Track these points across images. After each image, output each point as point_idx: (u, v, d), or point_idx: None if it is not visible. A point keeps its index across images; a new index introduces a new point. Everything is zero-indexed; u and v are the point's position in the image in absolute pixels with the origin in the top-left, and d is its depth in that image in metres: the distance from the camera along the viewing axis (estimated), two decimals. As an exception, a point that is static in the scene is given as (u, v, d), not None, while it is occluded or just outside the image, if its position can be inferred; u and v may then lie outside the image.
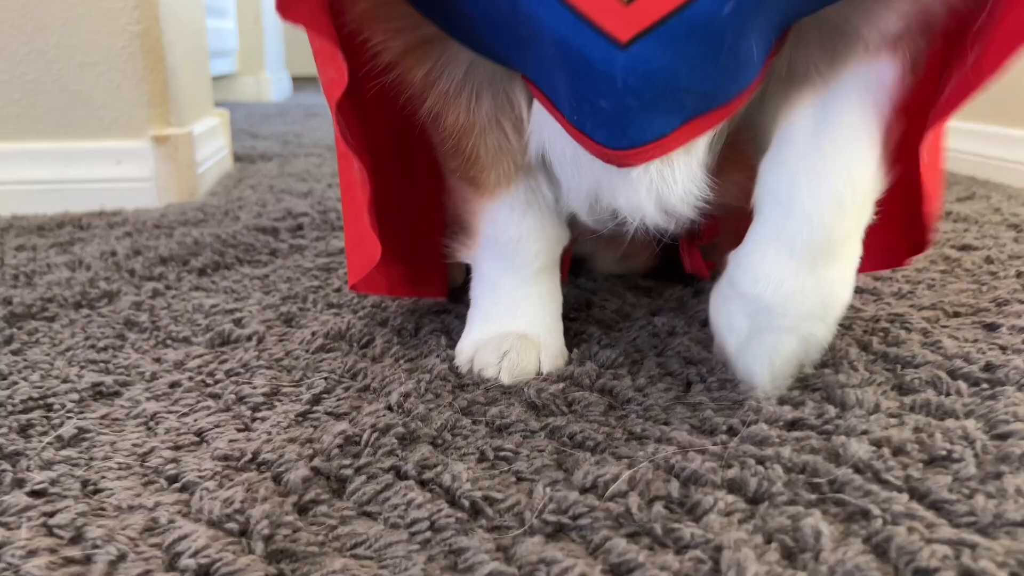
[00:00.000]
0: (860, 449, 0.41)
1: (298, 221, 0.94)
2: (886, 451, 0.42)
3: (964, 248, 0.83)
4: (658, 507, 0.38)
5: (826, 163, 0.43)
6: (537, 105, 0.47)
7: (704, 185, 0.45)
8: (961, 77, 0.40)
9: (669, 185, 0.44)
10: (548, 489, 0.39)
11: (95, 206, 1.01)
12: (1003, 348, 0.56)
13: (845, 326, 0.60)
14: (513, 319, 0.55)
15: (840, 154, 0.43)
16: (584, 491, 0.40)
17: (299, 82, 3.57)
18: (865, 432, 0.44)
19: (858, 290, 0.70)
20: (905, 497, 0.38)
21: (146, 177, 1.03)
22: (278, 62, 3.06)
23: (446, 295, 0.67)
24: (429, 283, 0.65)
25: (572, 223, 0.56)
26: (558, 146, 0.48)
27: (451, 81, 0.47)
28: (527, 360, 0.53)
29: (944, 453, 0.42)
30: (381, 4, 0.45)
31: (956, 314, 0.64)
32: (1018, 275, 0.73)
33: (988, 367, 0.53)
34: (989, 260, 0.78)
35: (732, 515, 0.37)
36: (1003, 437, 0.44)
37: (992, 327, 0.61)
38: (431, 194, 0.61)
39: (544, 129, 0.48)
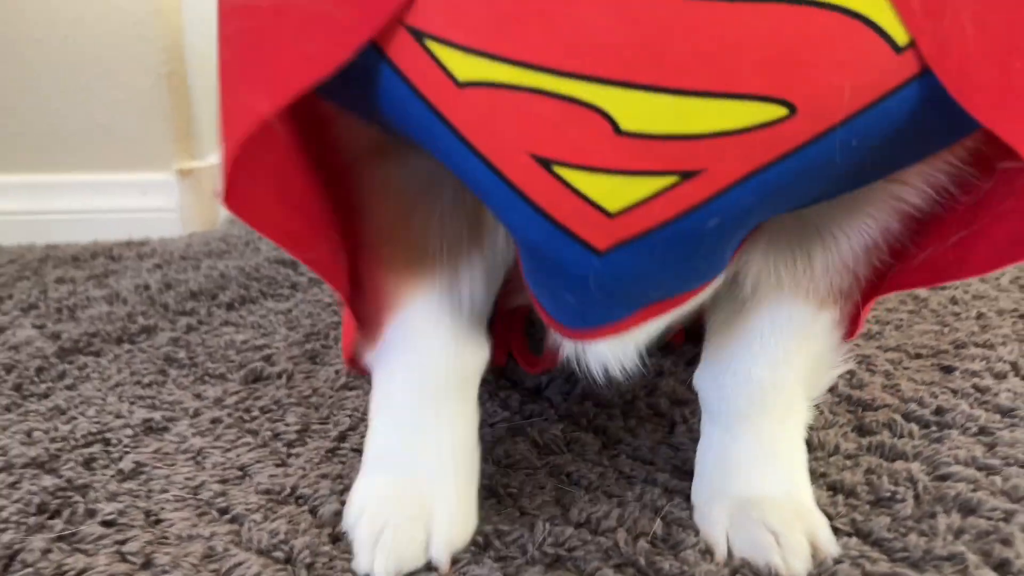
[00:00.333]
0: (820, 496, 0.48)
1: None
2: (840, 497, 0.48)
3: (933, 288, 0.90)
4: (642, 542, 0.44)
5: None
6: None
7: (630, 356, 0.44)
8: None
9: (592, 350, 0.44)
10: (547, 524, 0.46)
11: (123, 235, 1.08)
12: (954, 392, 0.63)
13: (815, 369, 0.67)
14: (410, 457, 0.46)
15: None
16: (579, 526, 0.46)
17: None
18: (823, 475, 0.51)
19: (831, 330, 0.77)
20: (855, 540, 0.45)
21: (171, 207, 1.09)
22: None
23: None
24: None
25: None
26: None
27: (400, 177, 0.43)
28: (414, 541, 0.43)
29: (889, 494, 0.48)
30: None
31: (918, 356, 0.71)
32: (978, 316, 0.80)
33: (939, 411, 0.59)
34: (954, 301, 0.85)
35: (707, 553, 0.44)
36: (943, 479, 0.50)
37: (948, 370, 0.67)
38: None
39: None
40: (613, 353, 0.43)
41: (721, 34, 0.29)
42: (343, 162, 0.43)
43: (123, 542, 0.45)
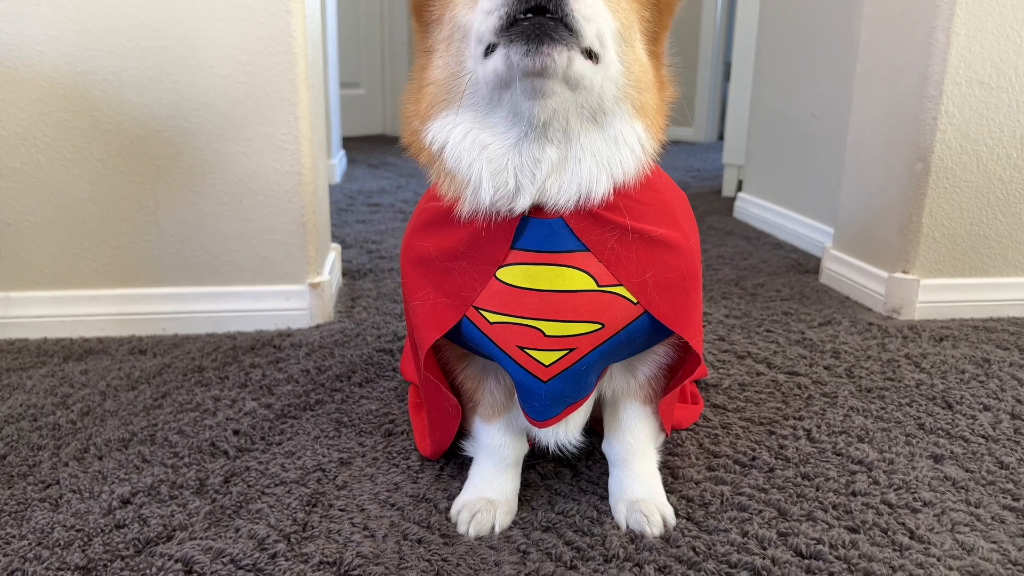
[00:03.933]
0: (676, 501, 1.02)
1: (402, 344, 1.55)
2: (684, 502, 1.02)
3: (791, 374, 1.43)
4: (587, 521, 0.98)
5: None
6: None
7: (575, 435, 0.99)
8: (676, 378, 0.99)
9: (551, 434, 0.97)
10: (543, 512, 1.00)
11: (272, 326, 1.63)
12: (767, 447, 1.16)
13: (695, 432, 1.20)
14: (489, 489, 1.00)
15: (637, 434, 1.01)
16: (558, 514, 1.00)
17: (346, 144, 4.20)
18: (680, 491, 1.04)
19: (716, 405, 1.30)
20: (684, 521, 0.98)
21: (303, 308, 1.65)
22: (337, 144, 3.69)
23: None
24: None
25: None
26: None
27: (473, 369, 0.99)
28: (488, 521, 0.96)
29: (708, 501, 1.02)
30: (446, 342, 0.96)
31: (760, 423, 1.24)
32: (808, 398, 1.33)
33: (753, 458, 1.13)
34: (800, 386, 1.38)
35: (616, 527, 0.97)
36: (738, 494, 1.04)
37: (771, 433, 1.21)
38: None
39: None
40: (567, 436, 0.98)
41: (576, 303, 0.84)
42: (446, 364, 0.99)
43: (353, 518, 0.99)
